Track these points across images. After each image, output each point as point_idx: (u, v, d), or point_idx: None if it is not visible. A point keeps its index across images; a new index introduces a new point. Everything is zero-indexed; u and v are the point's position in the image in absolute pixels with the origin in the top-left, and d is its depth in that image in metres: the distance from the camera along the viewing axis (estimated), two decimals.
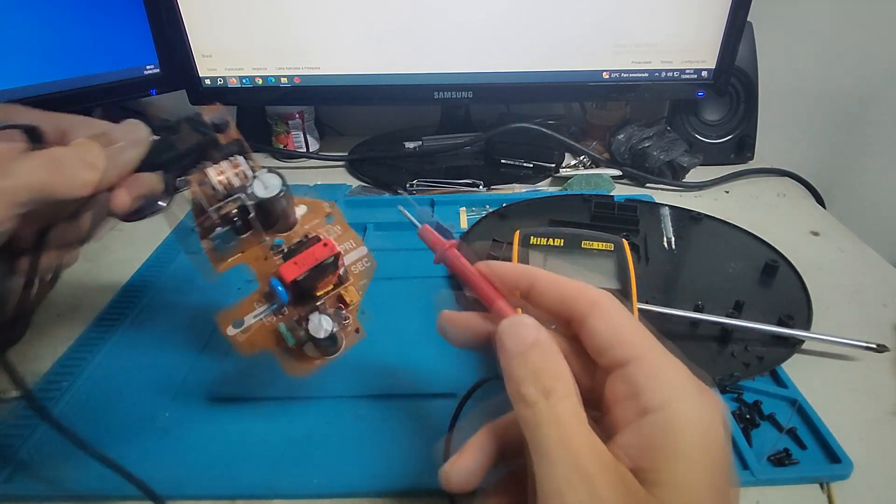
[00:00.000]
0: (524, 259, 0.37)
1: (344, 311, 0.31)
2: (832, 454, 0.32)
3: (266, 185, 0.29)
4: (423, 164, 0.72)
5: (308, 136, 0.79)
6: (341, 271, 0.30)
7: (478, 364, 0.39)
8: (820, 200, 0.68)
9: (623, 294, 0.35)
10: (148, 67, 0.68)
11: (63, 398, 0.37)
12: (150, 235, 0.58)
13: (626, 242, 0.37)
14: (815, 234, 0.57)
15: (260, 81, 0.68)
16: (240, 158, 0.30)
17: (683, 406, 0.19)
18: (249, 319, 0.30)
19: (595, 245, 0.37)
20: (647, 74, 0.65)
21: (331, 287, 0.31)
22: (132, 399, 0.37)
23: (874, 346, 0.39)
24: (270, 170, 0.30)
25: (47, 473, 0.32)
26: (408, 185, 0.66)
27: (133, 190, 0.27)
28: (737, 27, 0.62)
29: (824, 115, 0.86)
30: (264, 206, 0.29)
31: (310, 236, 0.30)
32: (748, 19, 0.62)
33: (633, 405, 0.20)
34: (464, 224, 0.56)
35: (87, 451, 0.29)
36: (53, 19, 0.60)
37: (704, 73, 0.65)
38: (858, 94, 0.83)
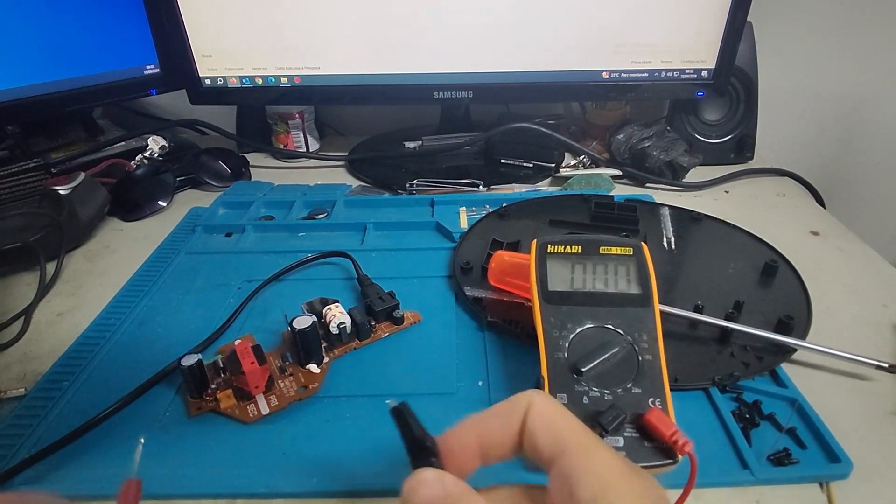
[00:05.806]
0: (542, 268, 0.36)
1: None
2: (832, 454, 0.32)
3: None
4: (423, 163, 0.72)
5: (308, 136, 0.79)
6: None
7: (477, 364, 0.39)
8: (820, 200, 0.68)
9: (644, 298, 0.34)
10: (148, 67, 0.68)
11: (63, 398, 0.37)
12: (150, 235, 0.58)
13: (645, 246, 0.36)
14: (815, 234, 0.57)
15: (260, 81, 0.68)
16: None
17: (613, 496, 0.19)
18: None
19: (613, 250, 0.36)
20: (647, 74, 0.65)
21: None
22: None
23: (885, 364, 0.37)
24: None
25: (47, 473, 0.32)
26: (408, 185, 0.66)
27: None
28: (737, 27, 0.62)
29: (824, 115, 0.86)
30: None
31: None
32: (748, 19, 0.62)
33: (570, 501, 0.20)
34: (464, 224, 0.56)
35: None
36: (53, 19, 0.60)
37: (704, 73, 0.65)
38: (858, 93, 0.83)
